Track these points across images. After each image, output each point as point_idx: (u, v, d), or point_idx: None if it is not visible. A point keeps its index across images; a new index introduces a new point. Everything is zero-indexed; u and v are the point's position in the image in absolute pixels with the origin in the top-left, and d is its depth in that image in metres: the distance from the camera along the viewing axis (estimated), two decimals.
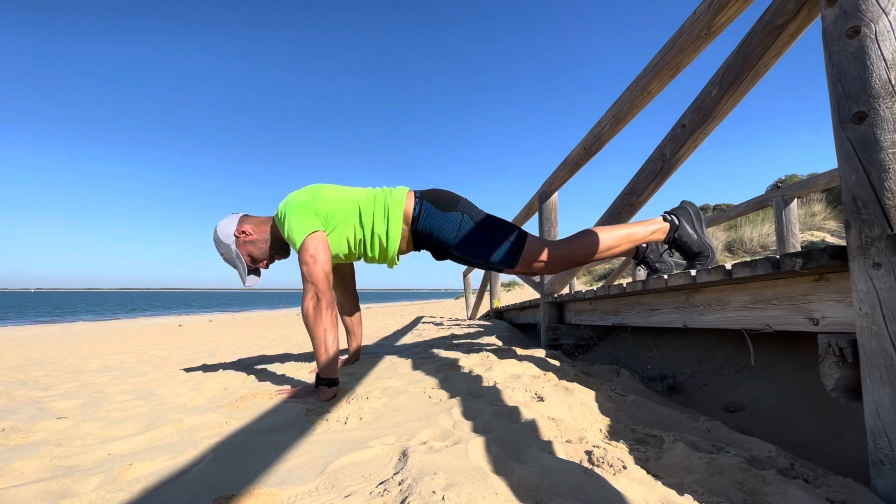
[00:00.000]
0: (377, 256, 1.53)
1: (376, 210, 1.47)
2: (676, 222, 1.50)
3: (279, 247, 1.58)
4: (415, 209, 1.47)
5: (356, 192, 1.51)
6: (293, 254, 1.62)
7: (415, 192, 1.51)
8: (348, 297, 1.82)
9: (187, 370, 2.16)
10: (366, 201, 1.48)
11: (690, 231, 1.49)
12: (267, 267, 1.62)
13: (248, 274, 1.56)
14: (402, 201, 1.47)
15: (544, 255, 1.45)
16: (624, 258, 6.09)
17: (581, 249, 1.46)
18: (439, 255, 1.57)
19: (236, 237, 1.53)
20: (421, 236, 1.49)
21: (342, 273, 1.77)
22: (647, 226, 1.51)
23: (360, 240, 1.49)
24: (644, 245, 1.55)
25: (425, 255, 1.64)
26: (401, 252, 1.54)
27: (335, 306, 1.36)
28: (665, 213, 1.54)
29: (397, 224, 1.46)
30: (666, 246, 1.58)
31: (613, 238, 1.48)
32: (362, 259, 1.58)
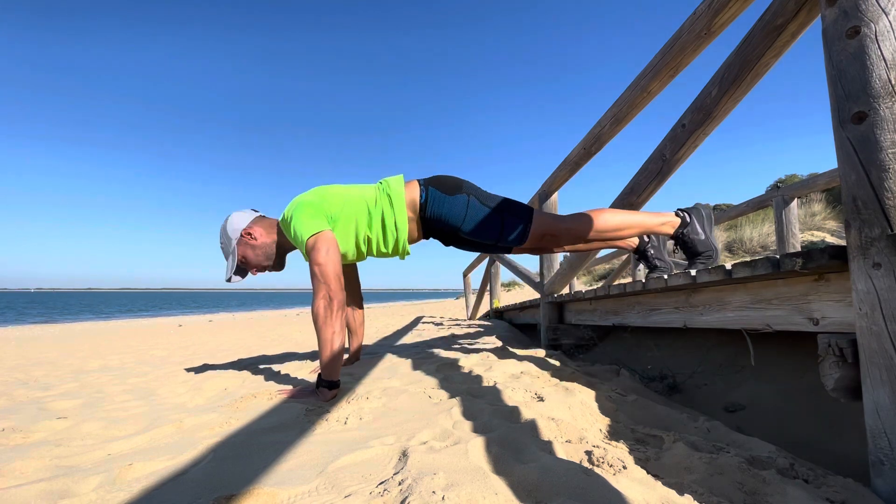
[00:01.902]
0: (389, 249, 1.53)
1: (382, 202, 1.48)
2: (688, 219, 1.53)
3: (278, 257, 1.59)
4: (421, 196, 1.48)
5: (360, 189, 1.52)
6: (286, 267, 1.65)
7: (418, 180, 1.52)
8: (352, 297, 1.82)
9: (187, 370, 2.16)
10: (371, 196, 1.49)
11: (700, 230, 1.52)
12: (255, 273, 1.63)
13: (235, 273, 1.58)
14: (401, 190, 1.49)
15: (553, 229, 1.48)
16: (625, 256, 6.10)
17: (589, 225, 1.48)
18: (447, 241, 1.59)
19: (241, 236, 1.54)
20: (430, 222, 1.51)
21: (346, 272, 1.77)
22: (659, 217, 1.54)
23: (370, 235, 1.50)
24: (647, 238, 1.56)
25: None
26: (411, 241, 1.55)
27: (345, 308, 1.36)
28: (679, 209, 1.58)
29: (402, 213, 1.48)
30: (671, 242, 1.60)
31: (622, 220, 1.50)
32: (373, 254, 1.58)
